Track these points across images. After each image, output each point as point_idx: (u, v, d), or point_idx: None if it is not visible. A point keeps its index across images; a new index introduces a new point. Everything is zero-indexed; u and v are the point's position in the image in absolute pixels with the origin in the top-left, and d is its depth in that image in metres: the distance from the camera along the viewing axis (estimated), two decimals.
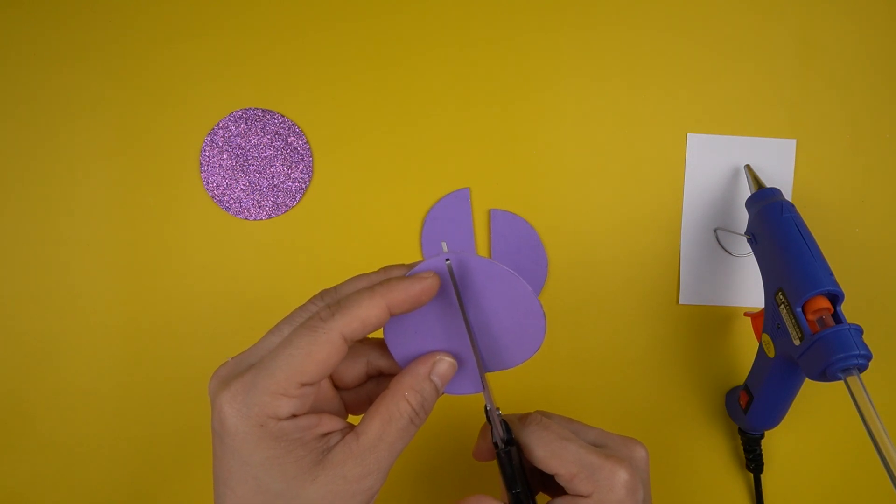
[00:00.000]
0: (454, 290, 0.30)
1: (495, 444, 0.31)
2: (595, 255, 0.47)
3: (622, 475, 0.31)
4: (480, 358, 0.32)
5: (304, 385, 0.27)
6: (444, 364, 0.30)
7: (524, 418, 0.33)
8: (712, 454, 0.47)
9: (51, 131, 0.47)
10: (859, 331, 0.36)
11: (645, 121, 0.47)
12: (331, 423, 0.28)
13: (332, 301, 0.29)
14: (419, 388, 0.29)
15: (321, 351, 0.26)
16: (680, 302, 0.47)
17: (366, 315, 0.27)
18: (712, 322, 0.48)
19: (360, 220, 0.47)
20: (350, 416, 0.32)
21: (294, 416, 0.27)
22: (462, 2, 0.47)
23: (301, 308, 0.30)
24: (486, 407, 0.31)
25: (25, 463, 0.46)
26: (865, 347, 0.35)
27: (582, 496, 0.31)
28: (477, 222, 0.47)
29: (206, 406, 0.46)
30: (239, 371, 0.28)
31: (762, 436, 0.45)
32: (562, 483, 0.31)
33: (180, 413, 0.46)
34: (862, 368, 0.35)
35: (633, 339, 0.47)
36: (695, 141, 0.47)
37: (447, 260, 0.30)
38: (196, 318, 0.47)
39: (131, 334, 0.46)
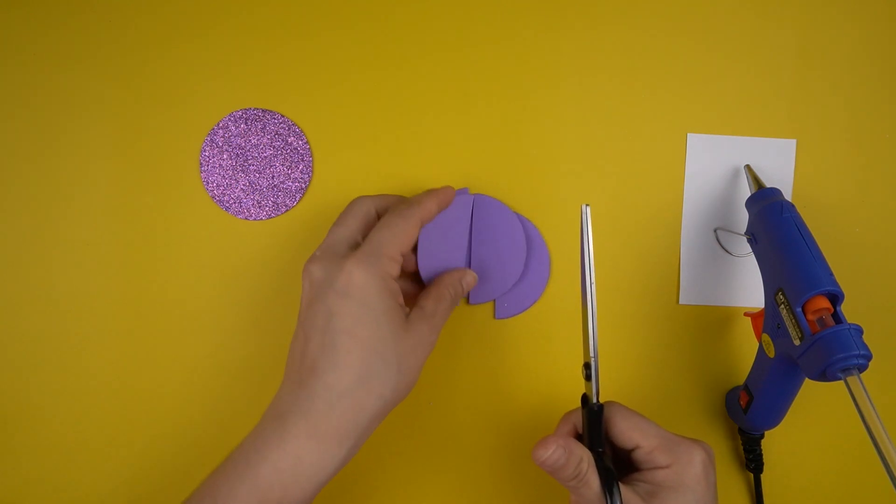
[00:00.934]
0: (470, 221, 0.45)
1: (586, 403, 0.37)
2: (595, 254, 0.47)
3: (700, 452, 0.36)
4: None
5: (401, 254, 0.38)
6: (470, 276, 0.43)
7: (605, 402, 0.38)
8: None
9: (51, 131, 0.47)
10: (859, 331, 0.36)
11: (645, 121, 0.47)
12: (402, 299, 0.38)
13: (380, 208, 0.41)
14: (455, 285, 0.42)
15: (410, 229, 0.38)
16: (680, 302, 0.47)
17: (428, 207, 0.40)
18: (712, 322, 0.48)
19: None
20: None
21: (395, 279, 0.37)
22: (462, 2, 0.47)
23: (350, 207, 0.41)
24: (587, 362, 0.37)
25: (25, 463, 0.46)
26: (865, 347, 0.35)
27: (660, 467, 0.35)
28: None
29: (205, 406, 0.46)
30: (336, 252, 0.37)
31: (762, 436, 0.45)
32: (639, 456, 0.36)
33: (180, 413, 0.46)
34: (862, 368, 0.35)
35: (633, 339, 0.47)
36: (695, 141, 0.47)
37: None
38: (196, 318, 0.47)
39: (131, 334, 0.46)
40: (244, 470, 0.34)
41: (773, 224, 0.41)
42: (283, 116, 0.46)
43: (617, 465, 0.37)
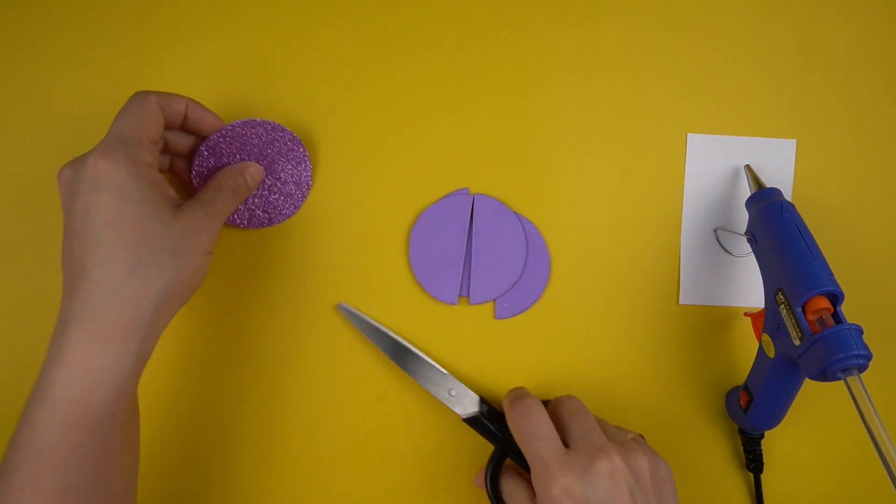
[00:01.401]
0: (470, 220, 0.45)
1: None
2: (595, 254, 0.47)
3: (561, 484, 0.35)
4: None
5: (150, 139, 0.37)
6: (254, 168, 0.43)
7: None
8: (712, 454, 0.47)
9: (51, 131, 0.46)
10: (859, 331, 0.36)
11: (645, 121, 0.47)
12: (173, 192, 0.38)
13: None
14: (235, 175, 0.42)
15: (149, 112, 0.37)
16: (680, 302, 0.47)
17: (172, 99, 0.39)
18: (712, 322, 0.48)
19: (360, 220, 0.47)
20: None
21: (152, 167, 0.36)
22: (462, 2, 0.47)
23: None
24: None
25: None
26: (865, 347, 0.35)
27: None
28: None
29: (205, 406, 0.46)
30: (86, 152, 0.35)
31: (762, 436, 0.45)
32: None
33: (180, 413, 0.46)
34: (862, 368, 0.35)
35: (633, 339, 0.47)
36: (695, 141, 0.47)
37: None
38: (195, 318, 0.47)
39: None
40: (38, 398, 0.34)
41: (773, 224, 0.41)
42: (281, 127, 0.45)
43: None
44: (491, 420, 0.44)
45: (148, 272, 0.34)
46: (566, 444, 0.38)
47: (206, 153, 0.42)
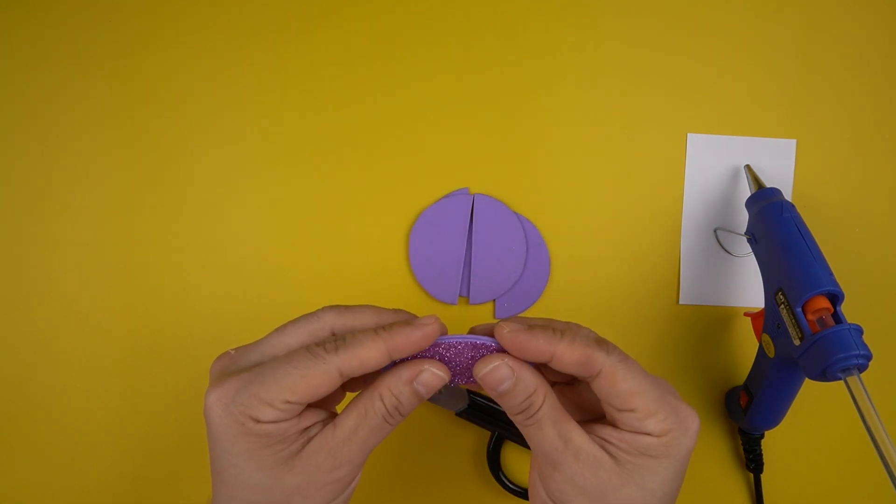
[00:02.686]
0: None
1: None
2: (595, 254, 0.47)
3: (696, 423, 0.30)
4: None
5: (288, 402, 0.28)
6: (429, 374, 0.30)
7: (603, 343, 0.30)
8: (712, 454, 0.47)
9: (51, 131, 0.47)
10: (859, 331, 0.36)
11: (645, 121, 0.47)
12: (312, 417, 0.30)
13: (340, 329, 0.31)
14: (397, 391, 0.29)
15: (316, 378, 0.28)
16: (680, 302, 0.47)
17: (366, 356, 0.29)
18: (712, 322, 0.48)
19: (360, 220, 0.47)
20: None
21: (276, 422, 0.28)
22: (462, 2, 0.47)
23: (309, 315, 0.31)
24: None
25: (24, 464, 0.46)
26: (865, 347, 0.35)
27: (649, 435, 0.29)
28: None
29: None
30: (237, 368, 0.29)
31: (762, 436, 0.45)
32: (627, 419, 0.29)
33: (180, 414, 0.46)
34: (862, 368, 0.35)
35: (633, 339, 0.47)
36: (695, 141, 0.47)
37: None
38: (195, 319, 0.47)
39: (130, 335, 0.46)
40: None
41: (773, 224, 0.41)
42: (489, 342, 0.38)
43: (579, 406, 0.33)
44: (482, 408, 0.45)
45: None
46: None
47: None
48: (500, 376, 0.29)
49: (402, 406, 0.30)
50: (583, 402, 0.33)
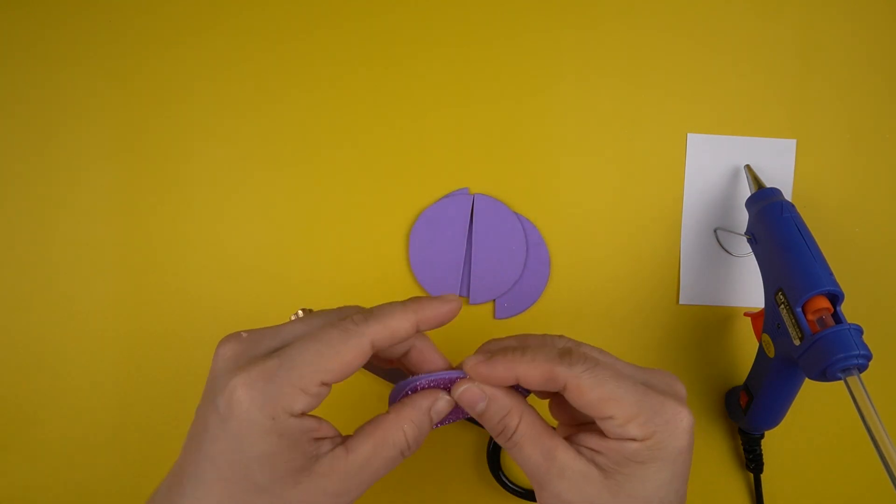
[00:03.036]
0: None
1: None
2: (595, 254, 0.47)
3: (685, 420, 0.29)
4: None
5: (323, 384, 0.27)
6: (443, 402, 0.30)
7: (566, 355, 0.29)
8: (712, 454, 0.47)
9: (51, 131, 0.47)
10: (859, 331, 0.36)
11: (645, 121, 0.47)
12: (327, 429, 0.28)
13: (365, 311, 0.29)
14: (419, 420, 0.29)
15: (350, 352, 0.27)
16: (680, 302, 0.47)
17: (396, 325, 0.28)
18: (712, 322, 0.47)
19: (360, 220, 0.47)
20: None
21: (303, 414, 0.27)
22: (462, 2, 0.47)
23: (333, 309, 0.30)
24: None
25: (24, 464, 0.46)
26: (865, 347, 0.35)
27: (633, 440, 0.28)
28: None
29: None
30: (256, 353, 0.28)
31: (762, 436, 0.45)
32: (609, 427, 0.28)
33: (179, 415, 0.46)
34: (862, 368, 0.35)
35: (633, 339, 0.47)
36: (695, 141, 0.47)
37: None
38: (195, 319, 0.47)
39: (131, 335, 0.46)
40: None
41: (773, 224, 0.41)
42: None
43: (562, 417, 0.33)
44: None
45: None
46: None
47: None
48: (472, 398, 0.29)
49: (420, 436, 0.29)
50: (564, 412, 0.32)
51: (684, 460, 0.29)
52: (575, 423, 0.32)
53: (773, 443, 0.47)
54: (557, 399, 0.32)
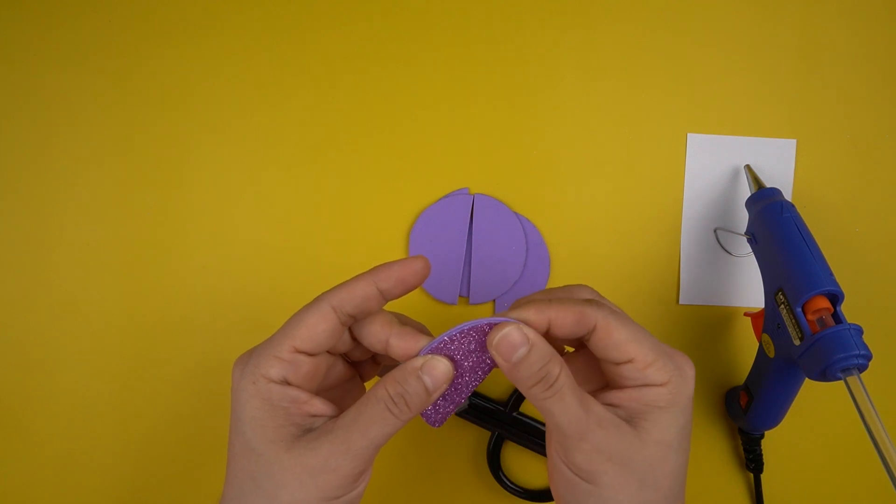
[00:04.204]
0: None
1: None
2: (595, 254, 0.47)
3: (692, 371, 0.31)
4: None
5: (296, 351, 0.29)
6: (434, 362, 0.30)
7: (592, 301, 0.31)
8: (712, 454, 0.47)
9: (51, 131, 0.47)
10: (859, 331, 0.36)
11: (645, 121, 0.47)
12: (321, 407, 0.30)
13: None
14: (402, 379, 0.29)
15: (312, 317, 0.30)
16: (680, 302, 0.47)
17: (355, 287, 0.30)
18: (712, 322, 0.48)
19: (360, 220, 0.47)
20: None
21: (286, 382, 0.29)
22: (462, 2, 0.47)
23: None
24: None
25: (24, 465, 0.46)
26: (865, 347, 0.35)
27: (653, 385, 0.29)
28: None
29: (205, 407, 0.46)
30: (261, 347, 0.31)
31: (762, 436, 0.45)
32: (628, 372, 0.29)
33: (179, 415, 0.46)
34: (862, 368, 0.35)
35: None
36: (695, 141, 0.47)
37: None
38: (194, 320, 0.47)
39: (130, 335, 0.46)
40: None
41: (773, 224, 0.41)
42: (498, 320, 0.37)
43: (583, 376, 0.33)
44: (482, 408, 0.45)
45: None
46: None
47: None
48: (514, 341, 0.28)
49: (409, 396, 0.29)
50: (581, 373, 0.33)
51: (691, 412, 0.30)
52: (589, 388, 0.32)
53: (773, 443, 0.47)
54: (575, 358, 0.33)
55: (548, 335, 0.30)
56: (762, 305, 0.42)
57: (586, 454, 0.29)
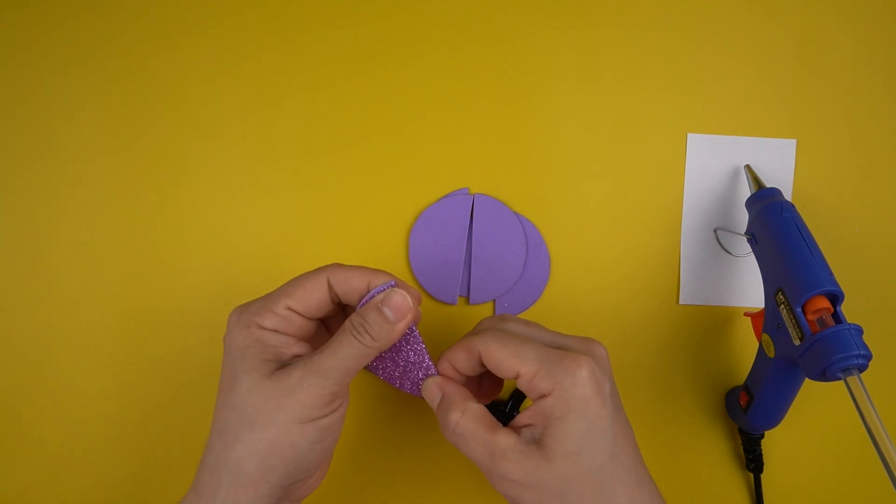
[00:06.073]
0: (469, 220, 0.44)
1: None
2: (595, 254, 0.47)
3: (584, 365, 0.31)
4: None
5: (289, 308, 0.33)
6: (395, 294, 0.33)
7: (478, 326, 0.35)
8: (712, 454, 0.47)
9: (51, 131, 0.47)
10: (859, 331, 0.36)
11: (645, 121, 0.47)
12: (304, 349, 0.34)
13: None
14: (364, 312, 0.33)
15: (309, 283, 0.34)
16: (680, 302, 0.47)
17: (350, 276, 0.34)
18: (712, 322, 0.48)
19: (360, 220, 0.47)
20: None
21: (276, 331, 0.33)
22: (462, 2, 0.47)
23: None
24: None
25: (23, 464, 0.46)
26: (865, 347, 0.35)
27: (544, 395, 0.31)
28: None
29: (205, 408, 0.46)
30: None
31: (762, 436, 0.45)
32: (522, 386, 0.32)
33: (179, 414, 0.46)
34: (862, 368, 0.35)
35: (633, 339, 0.47)
36: (695, 141, 0.47)
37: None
38: (195, 320, 0.47)
39: (130, 335, 0.46)
40: None
41: (773, 224, 0.41)
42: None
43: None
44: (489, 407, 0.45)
45: (226, 440, 0.32)
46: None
47: None
48: (429, 394, 0.34)
49: (372, 327, 0.32)
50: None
51: (596, 410, 0.30)
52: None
53: (773, 443, 0.47)
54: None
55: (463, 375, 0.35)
56: (762, 305, 0.42)
57: (500, 485, 0.31)
